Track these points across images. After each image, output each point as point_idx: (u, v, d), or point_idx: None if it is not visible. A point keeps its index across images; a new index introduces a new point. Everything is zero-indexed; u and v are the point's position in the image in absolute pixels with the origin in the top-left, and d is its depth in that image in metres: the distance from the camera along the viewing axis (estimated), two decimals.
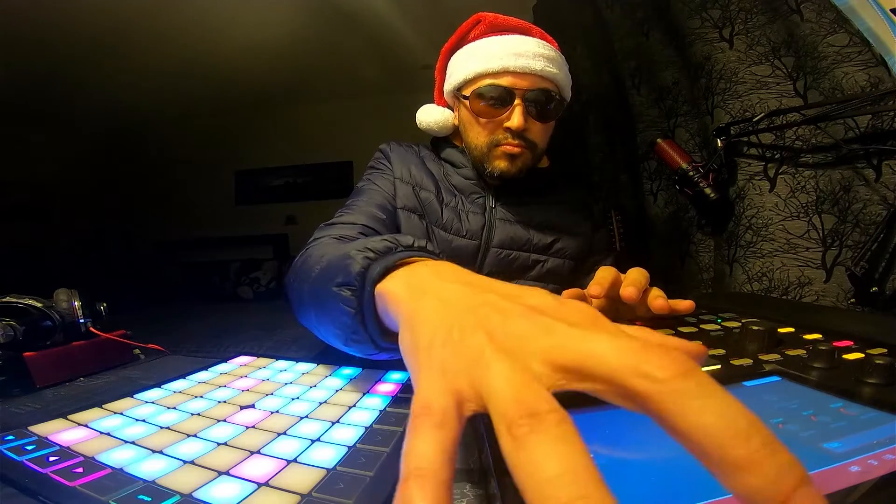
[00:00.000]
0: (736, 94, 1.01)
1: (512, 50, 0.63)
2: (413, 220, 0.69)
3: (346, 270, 0.31)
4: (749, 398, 0.26)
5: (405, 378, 0.40)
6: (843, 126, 0.84)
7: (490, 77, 0.64)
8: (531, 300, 0.20)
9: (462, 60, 0.67)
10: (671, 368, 0.14)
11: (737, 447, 0.13)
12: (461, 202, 0.71)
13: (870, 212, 0.83)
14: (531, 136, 0.66)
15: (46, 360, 0.48)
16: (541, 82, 0.64)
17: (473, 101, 0.65)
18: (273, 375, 0.42)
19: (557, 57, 0.67)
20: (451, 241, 0.69)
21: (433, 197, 0.70)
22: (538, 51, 0.64)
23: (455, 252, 0.69)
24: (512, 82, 0.63)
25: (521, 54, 0.63)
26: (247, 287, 3.47)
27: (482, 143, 0.67)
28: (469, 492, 0.25)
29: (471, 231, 0.69)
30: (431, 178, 0.72)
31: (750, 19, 0.99)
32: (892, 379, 0.25)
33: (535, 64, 0.63)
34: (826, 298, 0.89)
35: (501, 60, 0.63)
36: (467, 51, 0.67)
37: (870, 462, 0.18)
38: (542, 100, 0.64)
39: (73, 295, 0.55)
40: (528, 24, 0.69)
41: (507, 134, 0.65)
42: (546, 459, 0.13)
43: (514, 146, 0.65)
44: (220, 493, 0.23)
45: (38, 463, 0.26)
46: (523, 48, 0.63)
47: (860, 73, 0.81)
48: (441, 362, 0.18)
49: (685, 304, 0.43)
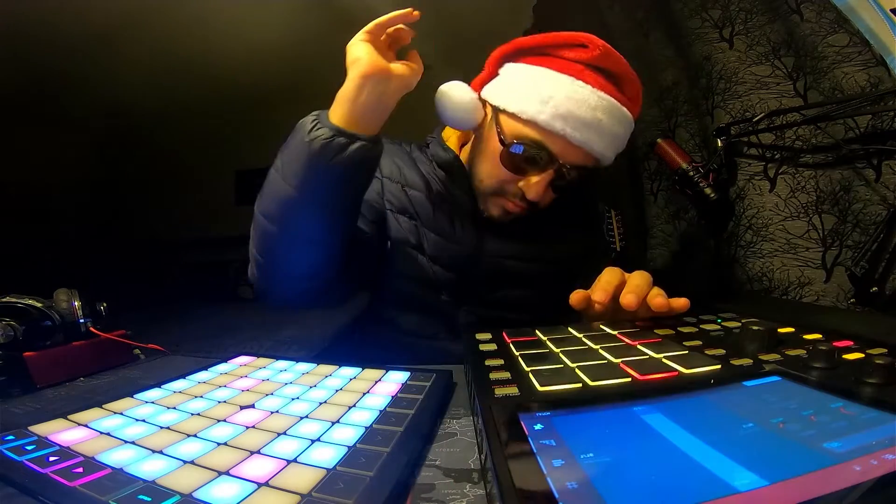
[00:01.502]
0: (736, 95, 1.01)
1: (585, 114, 0.51)
2: (402, 221, 0.65)
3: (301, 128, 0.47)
4: (749, 398, 0.26)
5: (405, 378, 0.40)
6: (843, 126, 0.84)
7: (541, 133, 0.53)
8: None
9: (525, 85, 0.54)
10: None
11: None
12: (453, 207, 0.66)
13: (870, 212, 0.83)
14: (540, 202, 0.58)
15: (46, 360, 0.48)
16: (587, 158, 0.55)
17: (508, 147, 0.55)
18: (273, 375, 0.42)
19: (625, 133, 0.56)
20: (444, 245, 0.65)
21: (424, 196, 0.65)
22: (610, 127, 0.53)
23: (448, 258, 0.65)
24: (560, 150, 0.54)
25: (589, 124, 0.52)
26: (247, 287, 3.46)
27: (489, 185, 0.60)
28: (469, 492, 0.25)
29: (463, 239, 0.65)
30: (422, 179, 0.67)
31: (750, 19, 0.99)
32: (892, 379, 0.25)
33: (597, 142, 0.53)
34: (826, 298, 0.89)
35: (565, 124, 0.52)
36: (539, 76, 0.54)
37: (870, 462, 0.18)
38: (575, 176, 0.56)
39: (73, 295, 0.55)
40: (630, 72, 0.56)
41: (517, 190, 0.57)
42: None
43: (518, 206, 0.59)
44: (220, 493, 0.23)
45: (38, 463, 0.26)
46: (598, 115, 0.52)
47: (860, 73, 0.81)
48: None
49: (680, 303, 0.43)
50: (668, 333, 0.38)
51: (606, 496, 0.18)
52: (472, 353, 0.37)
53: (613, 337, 0.38)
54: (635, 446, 0.21)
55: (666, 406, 0.25)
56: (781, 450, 0.20)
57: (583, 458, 0.20)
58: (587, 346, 0.36)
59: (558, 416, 0.24)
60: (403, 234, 0.65)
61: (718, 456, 0.20)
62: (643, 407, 0.25)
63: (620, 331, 0.39)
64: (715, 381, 0.28)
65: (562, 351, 0.35)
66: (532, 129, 0.54)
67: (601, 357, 0.33)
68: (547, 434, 0.22)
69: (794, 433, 0.21)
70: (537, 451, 0.21)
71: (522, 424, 0.23)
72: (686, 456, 0.20)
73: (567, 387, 0.28)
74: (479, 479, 0.26)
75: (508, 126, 0.56)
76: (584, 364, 0.31)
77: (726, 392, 0.26)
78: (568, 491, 0.18)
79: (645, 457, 0.20)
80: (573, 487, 0.18)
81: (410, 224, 0.65)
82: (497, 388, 0.28)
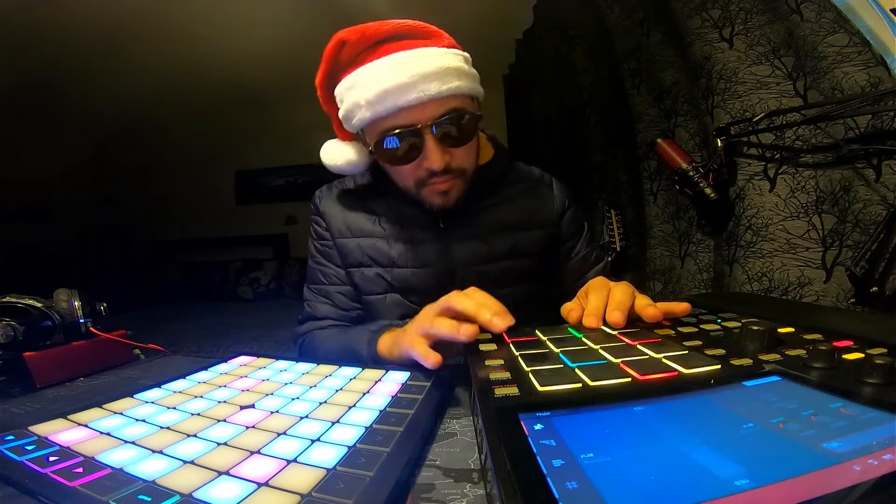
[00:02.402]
0: (736, 94, 1.01)
1: (395, 79, 0.51)
2: (364, 272, 0.67)
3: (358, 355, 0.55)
4: (749, 398, 0.26)
5: (405, 378, 0.40)
6: (843, 126, 0.84)
7: (386, 120, 0.54)
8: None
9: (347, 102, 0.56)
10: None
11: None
12: (410, 231, 0.66)
13: (870, 212, 0.83)
14: (457, 165, 0.58)
15: (46, 360, 0.48)
16: (444, 104, 0.54)
17: (380, 154, 0.57)
18: (273, 375, 0.42)
19: (449, 61, 0.54)
20: (411, 276, 0.65)
21: (377, 239, 0.66)
22: (425, 69, 0.52)
23: (418, 285, 0.65)
24: (411, 118, 0.53)
25: (408, 83, 0.51)
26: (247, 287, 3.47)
27: (409, 185, 0.61)
28: (469, 492, 0.25)
29: (429, 260, 0.65)
30: (371, 217, 0.67)
31: (750, 19, 0.99)
32: (892, 379, 0.25)
33: (429, 87, 0.52)
34: (826, 298, 0.89)
35: (390, 99, 0.52)
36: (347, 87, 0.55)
37: (870, 462, 0.18)
38: (453, 125, 0.55)
39: (73, 295, 0.55)
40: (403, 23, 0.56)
41: (429, 171, 0.57)
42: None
43: (443, 182, 0.59)
44: (220, 493, 0.23)
45: (38, 463, 0.26)
46: (407, 72, 0.51)
47: (860, 73, 0.81)
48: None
49: (682, 307, 0.42)
50: (668, 333, 0.38)
51: (606, 496, 0.18)
52: (472, 353, 0.37)
53: (613, 337, 0.38)
54: (635, 446, 0.21)
55: (666, 406, 0.25)
56: (781, 450, 0.20)
57: (583, 458, 0.20)
58: (587, 346, 0.36)
59: (558, 416, 0.24)
60: (366, 285, 0.68)
61: (718, 456, 0.20)
62: (643, 407, 0.25)
63: (620, 331, 0.39)
64: (715, 381, 0.28)
65: (562, 351, 0.35)
66: (380, 125, 0.55)
67: (601, 357, 0.33)
68: (547, 434, 0.22)
69: (793, 433, 0.21)
70: (537, 451, 0.21)
71: (522, 424, 0.23)
72: (686, 456, 0.20)
73: (567, 387, 0.28)
74: (479, 479, 0.26)
75: (371, 138, 0.58)
76: (584, 364, 0.31)
77: (726, 392, 0.26)
78: (568, 491, 0.18)
79: (645, 457, 0.20)
80: (573, 487, 0.18)
81: (370, 271, 0.67)
82: (497, 388, 0.28)
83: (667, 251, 1.37)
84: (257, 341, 2.13)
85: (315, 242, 0.73)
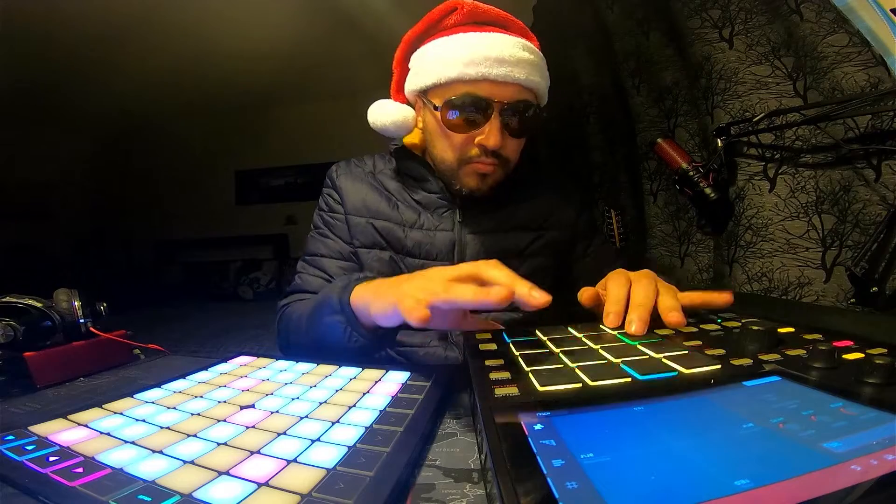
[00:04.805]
0: (736, 94, 1.02)
1: (493, 53, 0.55)
2: (374, 254, 0.65)
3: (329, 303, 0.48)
4: (749, 398, 0.26)
5: (405, 378, 0.40)
6: (843, 126, 0.84)
7: (466, 85, 0.56)
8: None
9: (433, 59, 0.58)
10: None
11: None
12: (427, 220, 0.66)
13: (870, 212, 0.83)
14: (505, 153, 0.60)
15: (46, 360, 0.48)
16: (521, 93, 0.57)
17: (445, 113, 0.57)
18: (273, 375, 0.42)
19: (539, 60, 0.59)
20: (421, 267, 0.63)
21: (393, 224, 0.66)
22: (521, 55, 0.56)
23: None
24: (490, 92, 0.56)
25: (504, 59, 0.55)
26: (247, 287, 3.47)
27: (451, 158, 0.61)
28: (469, 492, 0.25)
29: (441, 252, 0.65)
30: (389, 201, 0.67)
31: (750, 19, 0.99)
32: (892, 379, 0.25)
33: (518, 72, 0.56)
34: (826, 298, 0.89)
35: (480, 67, 0.55)
36: (440, 46, 0.58)
37: (870, 462, 0.18)
38: (520, 113, 0.57)
39: (73, 295, 0.55)
40: (509, 16, 0.61)
41: (479, 150, 0.58)
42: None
43: (487, 164, 0.59)
44: (220, 493, 0.23)
45: (38, 463, 0.26)
46: (505, 51, 0.55)
47: (860, 73, 0.81)
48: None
49: (724, 298, 0.43)
50: (668, 333, 0.38)
51: (606, 496, 0.18)
52: (472, 352, 0.37)
53: (613, 337, 0.38)
54: (635, 446, 0.21)
55: (666, 406, 0.25)
56: (781, 450, 0.20)
57: (583, 458, 0.20)
58: (587, 346, 0.36)
59: (558, 416, 0.24)
60: (379, 267, 0.65)
61: (718, 456, 0.20)
62: (643, 407, 0.25)
63: (620, 331, 0.39)
64: (715, 381, 0.28)
65: (562, 351, 0.35)
66: (458, 87, 0.57)
67: (601, 357, 0.33)
68: (547, 434, 0.22)
69: (793, 433, 0.21)
70: (537, 451, 0.21)
71: (522, 424, 0.23)
72: (686, 456, 0.20)
73: (567, 387, 0.28)
74: (479, 479, 0.26)
75: (438, 99, 0.59)
76: (584, 364, 0.31)
77: (726, 392, 0.26)
78: (568, 491, 0.18)
79: (645, 457, 0.20)
80: (573, 487, 0.18)
81: (383, 254, 0.66)
82: (497, 388, 0.28)
83: (667, 251, 1.37)
84: (257, 341, 2.13)
85: (323, 214, 0.71)
